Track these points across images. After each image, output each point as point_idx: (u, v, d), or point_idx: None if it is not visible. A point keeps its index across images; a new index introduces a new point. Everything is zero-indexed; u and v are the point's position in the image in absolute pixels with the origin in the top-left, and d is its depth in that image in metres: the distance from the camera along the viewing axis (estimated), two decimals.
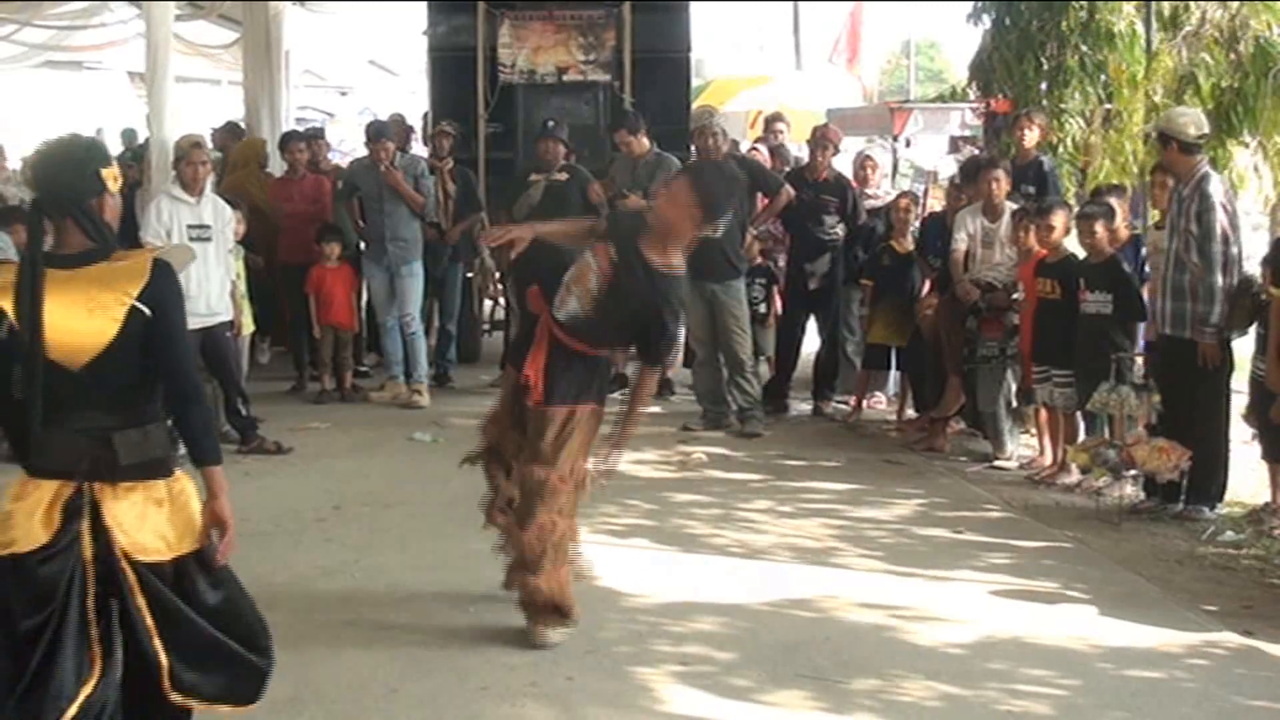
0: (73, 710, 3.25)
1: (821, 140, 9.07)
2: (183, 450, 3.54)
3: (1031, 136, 8.40)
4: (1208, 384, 6.53)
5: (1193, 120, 6.70)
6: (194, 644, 3.44)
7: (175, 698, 3.43)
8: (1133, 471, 6.64)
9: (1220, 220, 6.42)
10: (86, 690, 3.28)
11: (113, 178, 3.44)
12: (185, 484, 3.48)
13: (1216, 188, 6.53)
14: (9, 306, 3.28)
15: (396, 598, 5.40)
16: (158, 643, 3.36)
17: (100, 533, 3.32)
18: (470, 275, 10.58)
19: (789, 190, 8.69)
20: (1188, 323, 6.52)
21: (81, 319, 3.29)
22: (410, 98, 20.94)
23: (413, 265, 9.32)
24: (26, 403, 3.30)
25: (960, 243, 7.88)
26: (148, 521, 3.38)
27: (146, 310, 3.31)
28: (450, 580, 5.58)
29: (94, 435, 3.35)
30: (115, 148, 15.72)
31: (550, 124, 9.73)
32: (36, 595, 3.28)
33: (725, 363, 8.59)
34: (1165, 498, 6.69)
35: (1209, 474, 6.61)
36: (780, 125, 10.50)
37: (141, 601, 3.35)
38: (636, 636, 4.95)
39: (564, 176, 9.40)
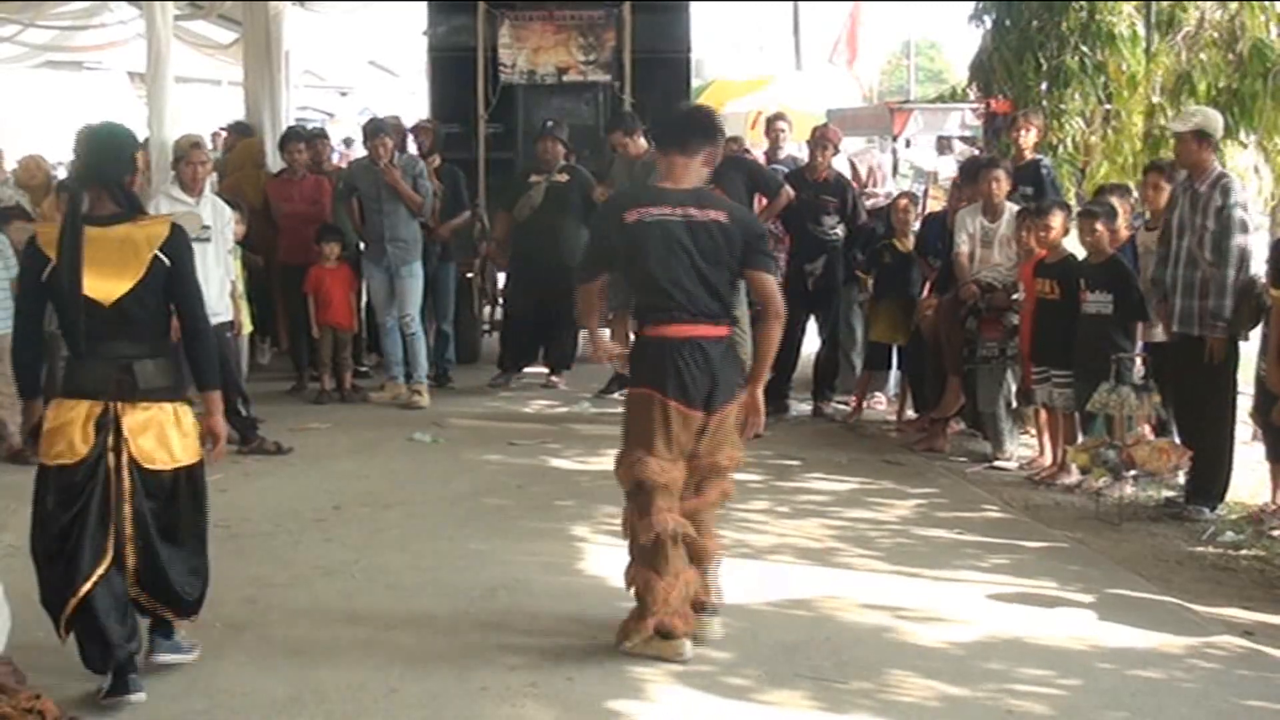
0: (87, 586, 4.25)
1: (821, 140, 9.07)
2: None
3: (1029, 138, 8.40)
4: (1215, 382, 6.54)
5: (1219, 121, 6.79)
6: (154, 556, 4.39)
7: (133, 591, 4.37)
8: (1133, 472, 6.64)
9: (1240, 216, 6.44)
10: (99, 570, 4.26)
11: (143, 160, 4.78)
12: (187, 410, 4.45)
13: (1238, 185, 6.56)
14: (54, 254, 4.21)
15: (396, 598, 5.40)
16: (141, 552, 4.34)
17: (120, 444, 4.26)
18: (470, 275, 10.58)
19: (788, 191, 8.69)
20: (1196, 320, 6.52)
21: (113, 265, 4.23)
22: (410, 98, 20.94)
23: (412, 265, 9.32)
24: (66, 333, 4.30)
25: (963, 243, 7.88)
26: (157, 436, 4.32)
27: (166, 260, 4.29)
28: (450, 580, 5.58)
29: (119, 363, 4.27)
30: None
31: (549, 124, 9.76)
32: (70, 495, 4.32)
33: None
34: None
35: (1212, 474, 6.62)
36: (781, 124, 10.50)
37: (145, 504, 4.33)
38: None
39: (564, 178, 9.44)
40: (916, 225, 8.80)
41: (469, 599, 5.34)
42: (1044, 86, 9.51)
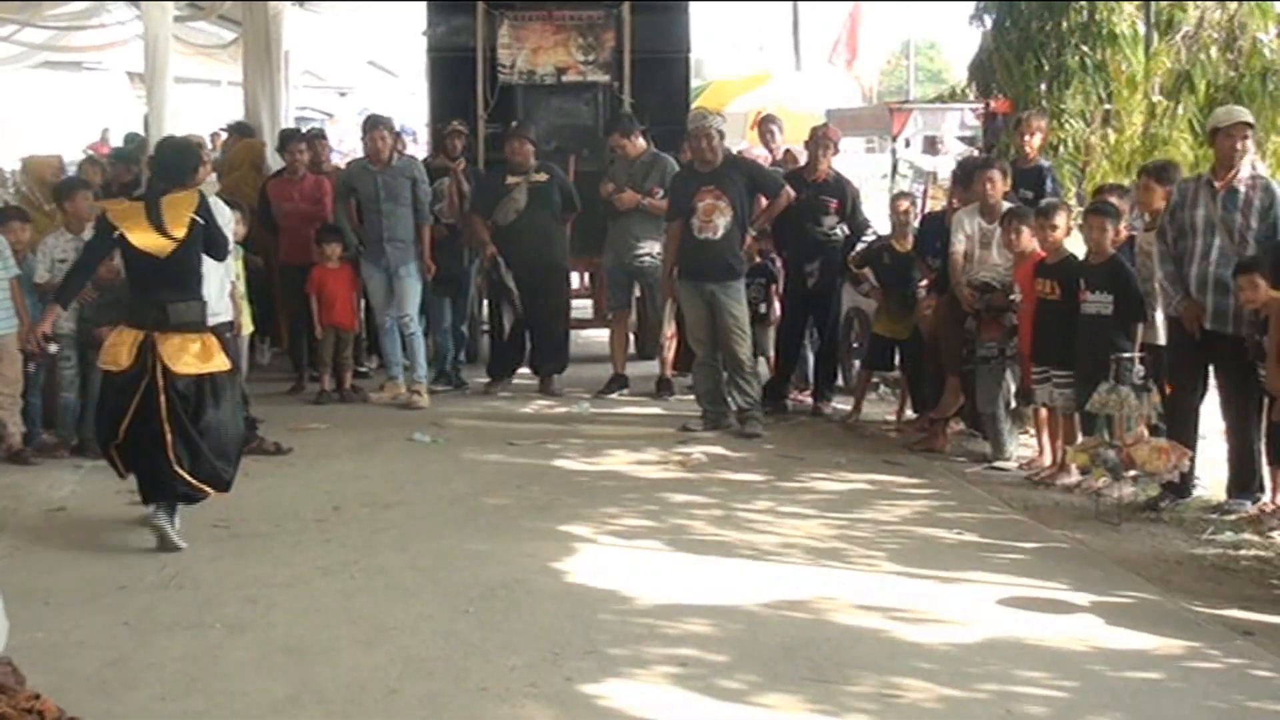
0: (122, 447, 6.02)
1: (821, 140, 9.07)
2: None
3: (1034, 141, 8.40)
4: (1245, 378, 6.53)
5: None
6: (191, 441, 5.95)
7: (176, 471, 5.92)
8: (1132, 472, 6.64)
9: None
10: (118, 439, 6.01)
11: (204, 165, 6.88)
12: (210, 337, 6.10)
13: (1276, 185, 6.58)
14: (121, 222, 5.98)
15: (396, 598, 5.40)
16: (176, 434, 5.89)
17: (156, 360, 5.87)
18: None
19: (789, 191, 8.69)
20: (1232, 318, 6.51)
21: (173, 225, 5.96)
22: (410, 98, 20.98)
23: (410, 266, 9.31)
24: (131, 280, 6.11)
25: (959, 244, 7.88)
26: (184, 353, 5.94)
27: (200, 220, 6.03)
28: (450, 580, 5.58)
29: (159, 304, 5.93)
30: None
31: (514, 124, 9.74)
32: (120, 391, 5.96)
33: (725, 363, 8.59)
34: (1177, 494, 6.73)
35: (1252, 468, 6.62)
36: (773, 127, 10.51)
37: (163, 400, 5.87)
38: (636, 637, 4.95)
39: (544, 177, 9.40)
40: (916, 224, 8.80)
41: (469, 599, 5.34)
42: (1044, 86, 9.51)
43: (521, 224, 9.42)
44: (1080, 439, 7.16)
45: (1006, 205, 7.80)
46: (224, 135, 12.12)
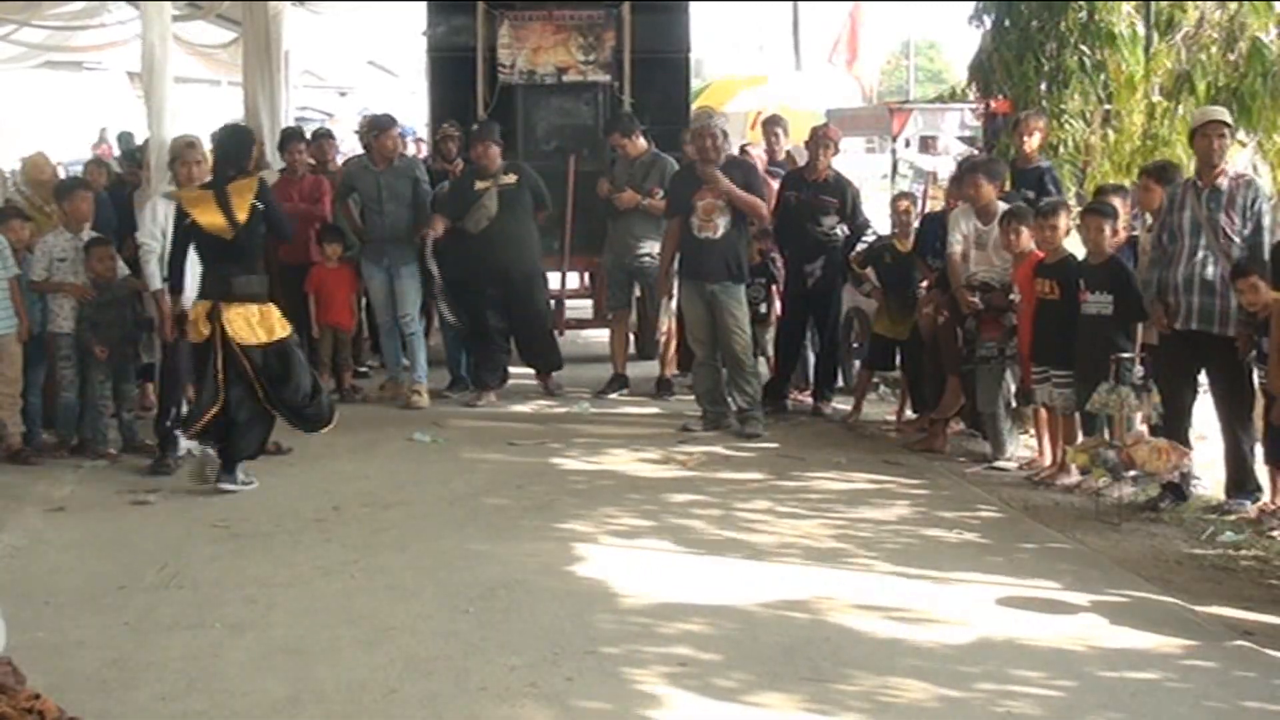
0: (214, 409, 6.90)
1: (821, 140, 9.06)
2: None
3: (1033, 142, 8.40)
4: (1235, 377, 6.54)
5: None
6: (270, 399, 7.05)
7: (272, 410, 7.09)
8: (1132, 472, 6.64)
9: (1270, 213, 6.49)
10: (214, 408, 6.90)
11: (258, 149, 8.18)
12: (271, 308, 7.05)
13: (1261, 184, 6.59)
14: (192, 211, 6.98)
15: (396, 598, 5.40)
16: (258, 384, 6.94)
17: (223, 328, 6.84)
18: None
19: (765, 213, 8.70)
20: (1218, 318, 6.52)
21: (238, 209, 6.99)
22: (410, 98, 20.97)
23: (412, 266, 9.30)
24: (202, 258, 7.06)
25: (956, 244, 7.88)
26: (247, 323, 6.89)
27: (260, 205, 7.05)
28: (450, 580, 5.59)
29: (224, 278, 6.92)
30: (117, 148, 15.75)
31: (475, 127, 9.60)
32: (198, 358, 7.04)
33: (725, 363, 8.59)
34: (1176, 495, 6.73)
35: (1245, 467, 6.62)
36: (778, 129, 10.50)
37: (245, 364, 6.89)
38: (635, 637, 4.96)
39: (513, 179, 9.26)
40: (916, 224, 8.81)
41: (469, 599, 5.34)
42: (1044, 86, 9.51)
43: (494, 231, 9.15)
44: (1080, 439, 7.16)
45: (1004, 206, 7.79)
46: None
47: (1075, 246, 7.39)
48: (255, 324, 6.91)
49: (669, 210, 8.83)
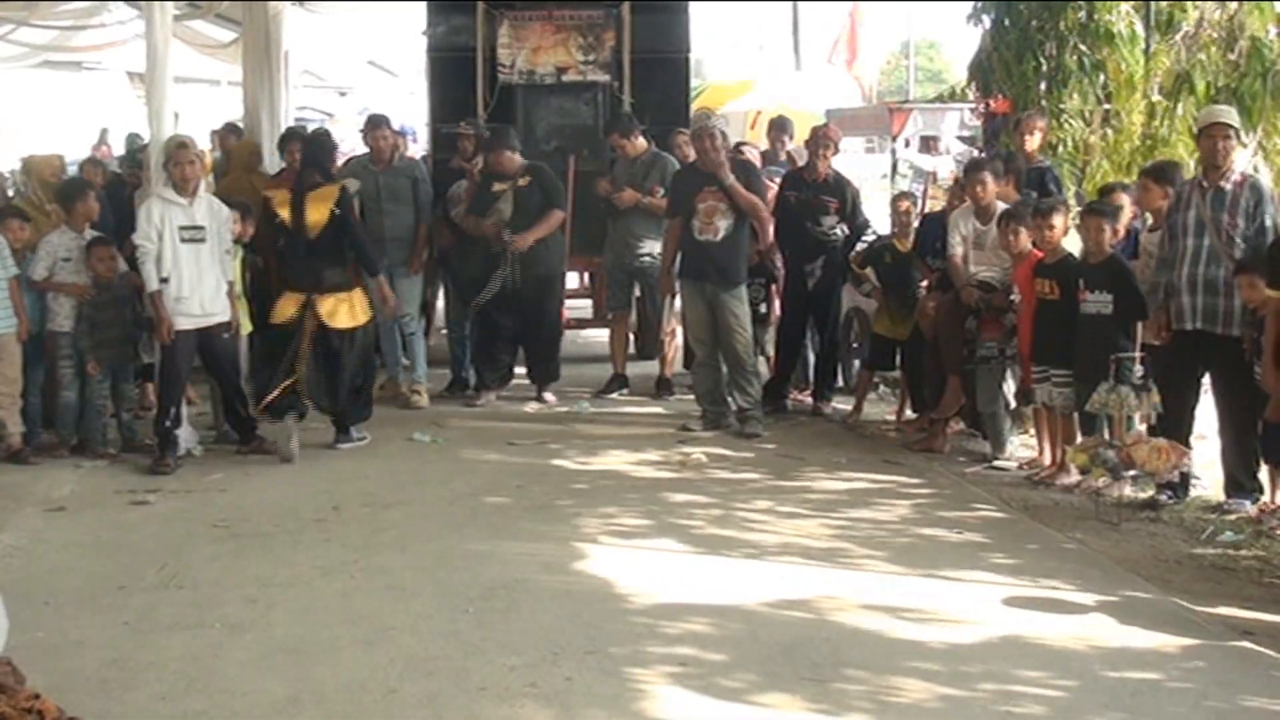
0: (286, 383, 7.75)
1: (821, 140, 9.07)
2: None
3: (1033, 142, 8.40)
4: (1238, 377, 6.54)
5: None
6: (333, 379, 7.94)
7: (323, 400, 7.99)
8: (1132, 472, 6.64)
9: (1275, 214, 6.48)
10: (294, 376, 7.75)
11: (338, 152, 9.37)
12: (358, 293, 7.91)
13: (1266, 184, 6.59)
14: (281, 210, 7.83)
15: (396, 598, 5.40)
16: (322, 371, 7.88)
17: (315, 314, 7.73)
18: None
19: (766, 217, 8.67)
20: (1221, 318, 6.52)
21: (316, 213, 7.77)
22: (410, 98, 20.97)
23: (411, 265, 9.31)
24: (292, 254, 7.87)
25: (956, 244, 7.88)
26: (337, 309, 7.80)
27: (338, 210, 7.80)
28: (450, 580, 5.58)
29: (314, 271, 7.78)
30: (119, 148, 15.75)
31: (489, 133, 9.53)
32: (285, 338, 7.79)
33: (726, 362, 8.59)
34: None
35: (1246, 467, 6.63)
36: (784, 136, 10.49)
37: (335, 343, 7.82)
38: (635, 637, 4.96)
39: (526, 181, 9.25)
40: (916, 224, 8.81)
41: (469, 599, 5.34)
42: (1043, 86, 9.49)
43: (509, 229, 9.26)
44: (1079, 439, 7.16)
45: (1002, 206, 7.80)
46: (231, 136, 12.08)
47: (1074, 246, 7.40)
48: (345, 309, 7.84)
49: (670, 210, 8.83)
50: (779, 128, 10.64)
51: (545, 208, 9.21)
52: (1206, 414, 6.97)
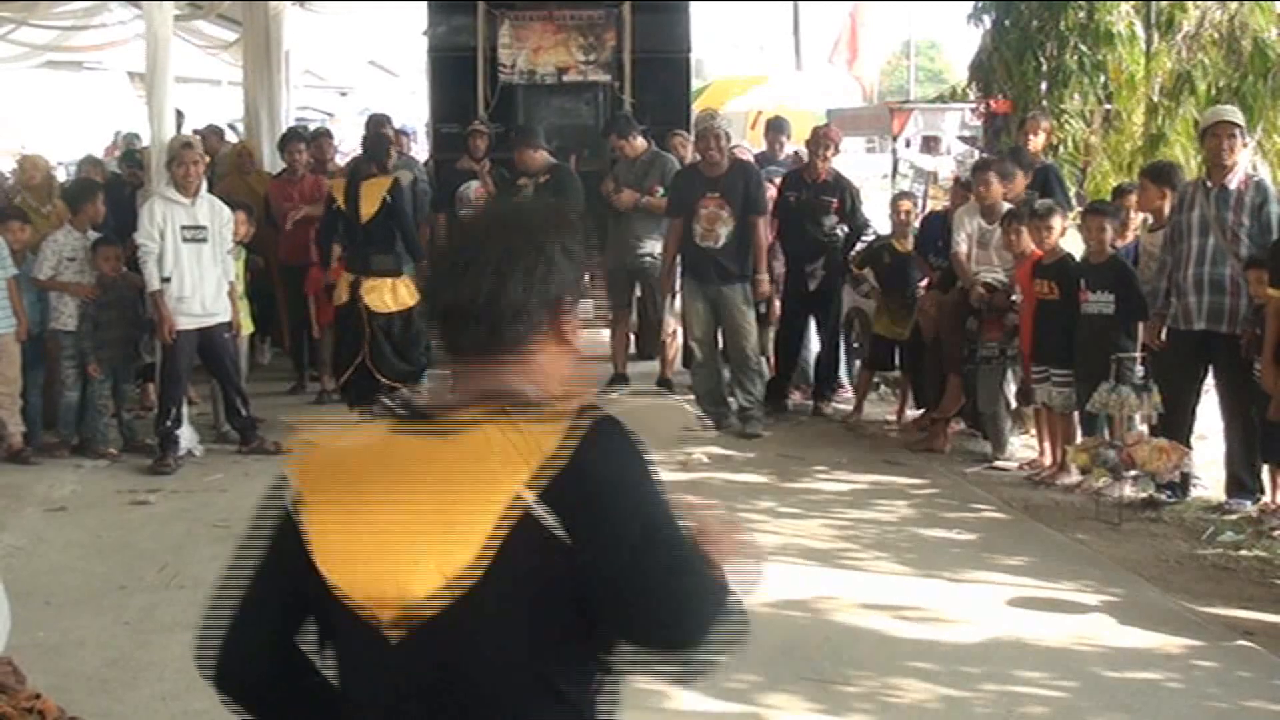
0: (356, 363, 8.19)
1: (822, 140, 9.06)
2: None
3: (1037, 142, 8.40)
4: (1240, 377, 6.54)
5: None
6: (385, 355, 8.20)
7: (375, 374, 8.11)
8: (1133, 472, 6.64)
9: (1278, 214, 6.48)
10: (359, 357, 8.18)
11: (395, 148, 8.89)
12: (404, 281, 8.21)
13: (1269, 183, 6.60)
14: (340, 196, 8.32)
15: None
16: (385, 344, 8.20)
17: (362, 298, 8.13)
18: None
19: (764, 223, 8.62)
20: (1227, 317, 6.52)
21: (370, 203, 8.15)
22: (410, 98, 20.95)
23: (410, 266, 9.30)
24: (349, 240, 8.30)
25: (961, 243, 7.88)
26: (380, 292, 8.18)
27: (390, 199, 8.18)
28: None
29: (364, 256, 8.20)
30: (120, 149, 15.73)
31: (517, 130, 9.61)
32: (341, 320, 8.35)
33: (730, 360, 8.58)
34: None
35: (1249, 467, 6.63)
36: (782, 137, 10.49)
37: (383, 324, 8.18)
38: None
39: (546, 179, 9.31)
40: (916, 224, 8.81)
41: None
42: (1044, 86, 9.51)
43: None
44: (1079, 438, 7.16)
45: (1007, 206, 7.80)
46: (214, 138, 12.06)
47: (1073, 246, 7.40)
48: (389, 294, 8.19)
49: (670, 210, 8.82)
50: (776, 128, 10.64)
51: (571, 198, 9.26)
52: (1206, 414, 6.97)
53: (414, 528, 1.67)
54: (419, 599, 1.66)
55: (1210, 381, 6.88)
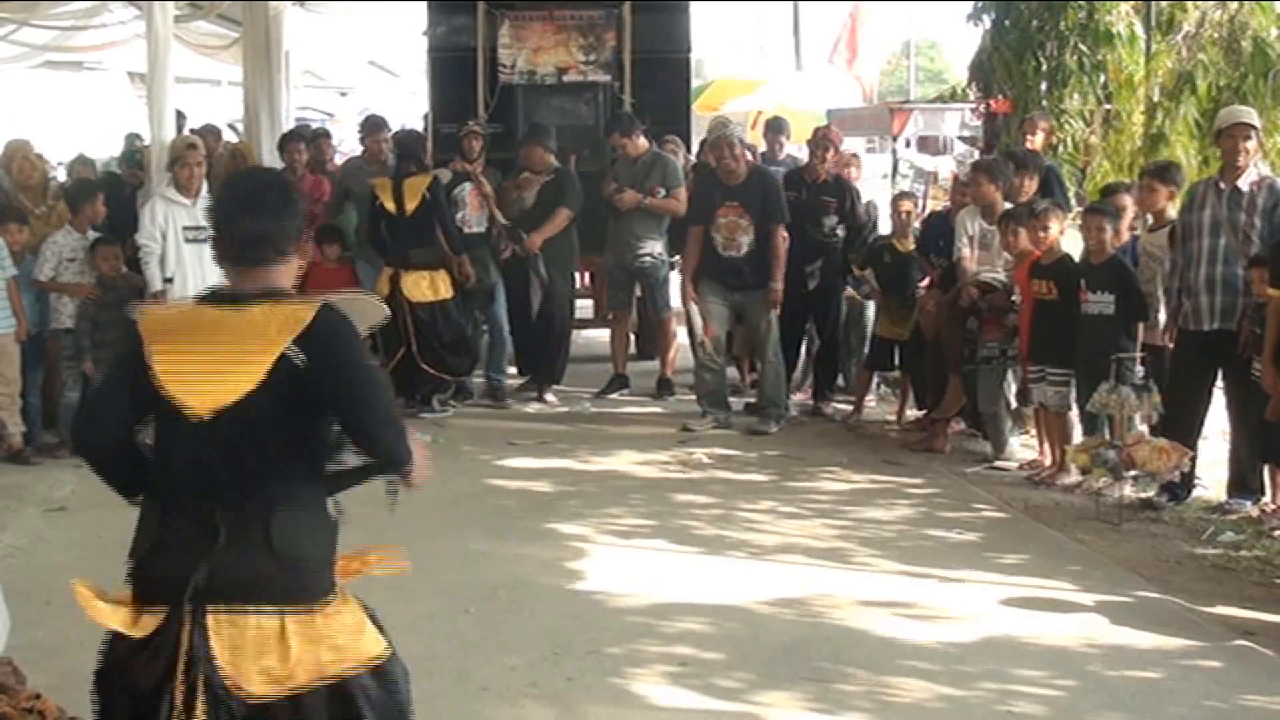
0: (399, 354, 8.65)
1: (822, 141, 9.07)
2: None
3: (1037, 141, 8.40)
4: (1250, 377, 6.54)
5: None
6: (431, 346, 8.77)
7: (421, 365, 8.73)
8: (1133, 472, 6.64)
9: None
10: (401, 350, 8.65)
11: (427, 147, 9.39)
12: (442, 272, 8.74)
13: None
14: (382, 194, 8.65)
15: (396, 598, 5.38)
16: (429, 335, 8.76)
17: (403, 289, 8.60)
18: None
19: (783, 233, 8.59)
20: (1238, 316, 6.51)
21: (412, 199, 8.53)
22: (410, 98, 20.95)
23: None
24: (391, 235, 8.67)
25: (964, 245, 7.87)
26: (419, 284, 8.64)
27: (430, 195, 8.61)
28: (451, 580, 5.58)
29: (404, 250, 8.56)
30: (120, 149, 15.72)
31: (525, 131, 9.62)
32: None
33: (757, 358, 8.65)
34: (1171, 495, 6.73)
35: (1250, 467, 6.63)
36: (781, 137, 10.50)
37: (425, 315, 8.67)
38: (636, 637, 4.95)
39: (550, 179, 9.34)
40: (917, 225, 8.81)
41: (469, 599, 5.34)
42: (1044, 86, 9.50)
43: (524, 222, 9.35)
44: (1077, 439, 7.16)
45: (1008, 206, 7.80)
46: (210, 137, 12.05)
47: (1071, 246, 7.40)
48: (425, 286, 8.58)
49: (690, 219, 8.81)
50: (775, 129, 10.65)
51: (555, 206, 9.27)
52: (1208, 413, 6.96)
53: (220, 360, 2.77)
54: (224, 402, 2.76)
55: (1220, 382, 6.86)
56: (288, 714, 2.82)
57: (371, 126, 9.63)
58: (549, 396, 9.50)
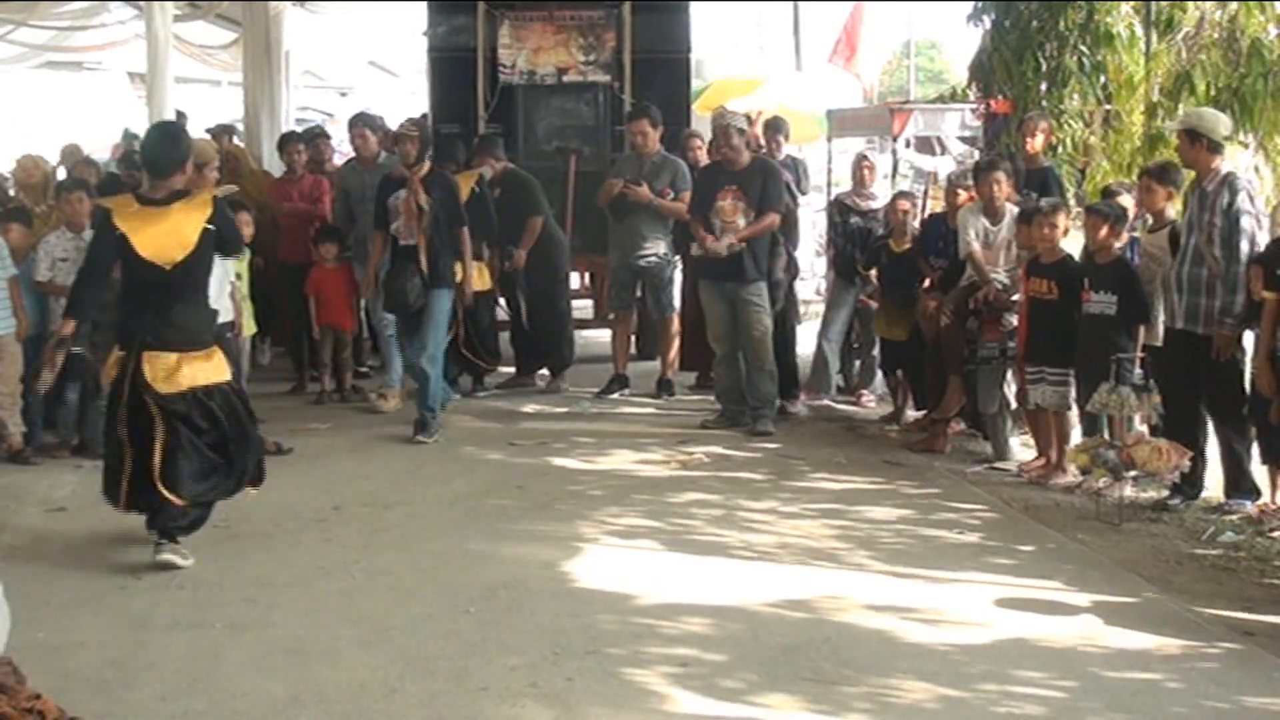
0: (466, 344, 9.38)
1: (773, 126, 9.32)
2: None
3: (1037, 142, 8.40)
4: (1225, 377, 6.55)
5: (1222, 121, 6.82)
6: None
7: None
8: (1133, 472, 6.64)
9: (1248, 212, 6.49)
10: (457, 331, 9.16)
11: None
12: (480, 266, 9.07)
13: (1244, 183, 6.62)
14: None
15: (396, 598, 5.40)
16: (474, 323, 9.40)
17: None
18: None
19: (774, 218, 8.57)
20: (1202, 317, 6.54)
21: (462, 194, 8.55)
22: (410, 98, 20.96)
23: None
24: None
25: (972, 240, 7.85)
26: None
27: (478, 190, 8.96)
28: (450, 580, 5.58)
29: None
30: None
31: (479, 141, 9.91)
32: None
33: (745, 359, 8.59)
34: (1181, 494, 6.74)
35: (1240, 468, 6.63)
36: (780, 137, 10.50)
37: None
38: (636, 637, 4.96)
39: (498, 192, 9.54)
40: (916, 225, 8.80)
41: (469, 599, 5.34)
42: (1044, 87, 9.49)
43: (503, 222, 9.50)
44: (1076, 439, 7.16)
45: (1011, 206, 7.80)
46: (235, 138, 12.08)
47: (1071, 246, 7.41)
48: (477, 276, 8.87)
49: (691, 209, 8.81)
50: (774, 128, 10.64)
51: (523, 219, 9.39)
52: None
53: (170, 233, 5.69)
54: (176, 258, 5.68)
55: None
56: (183, 405, 5.67)
57: (351, 122, 9.65)
58: (563, 383, 9.76)
